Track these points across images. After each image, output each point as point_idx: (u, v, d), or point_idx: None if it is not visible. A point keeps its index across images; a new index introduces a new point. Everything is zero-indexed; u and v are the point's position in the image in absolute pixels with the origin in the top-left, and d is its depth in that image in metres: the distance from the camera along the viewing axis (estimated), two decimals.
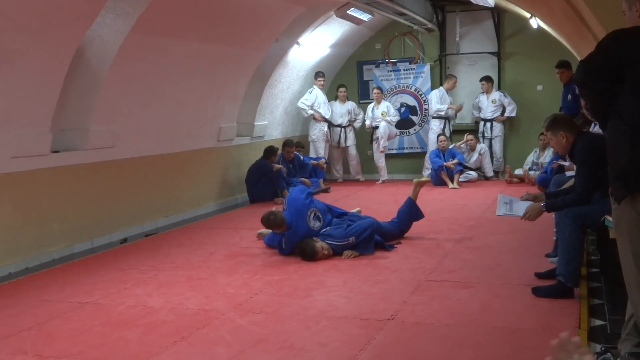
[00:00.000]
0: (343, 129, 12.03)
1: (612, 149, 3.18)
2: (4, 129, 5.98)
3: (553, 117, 5.00)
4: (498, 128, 11.73)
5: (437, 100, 11.75)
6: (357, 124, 12.06)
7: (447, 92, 11.79)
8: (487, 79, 11.66)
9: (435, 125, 11.81)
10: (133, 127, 7.79)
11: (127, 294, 5.31)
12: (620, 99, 3.10)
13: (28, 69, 5.93)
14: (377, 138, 11.76)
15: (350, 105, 12.11)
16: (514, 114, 11.70)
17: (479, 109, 11.83)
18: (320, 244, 6.24)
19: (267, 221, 6.36)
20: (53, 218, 6.79)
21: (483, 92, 11.73)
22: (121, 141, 7.62)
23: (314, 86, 11.69)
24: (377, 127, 11.75)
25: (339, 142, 12.05)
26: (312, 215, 6.44)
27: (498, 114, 11.67)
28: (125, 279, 5.80)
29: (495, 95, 11.63)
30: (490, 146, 11.74)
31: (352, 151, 12.21)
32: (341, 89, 12.03)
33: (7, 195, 6.25)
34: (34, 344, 4.26)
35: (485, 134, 11.74)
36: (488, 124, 11.72)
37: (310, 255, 6.17)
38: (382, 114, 11.64)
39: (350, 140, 12.11)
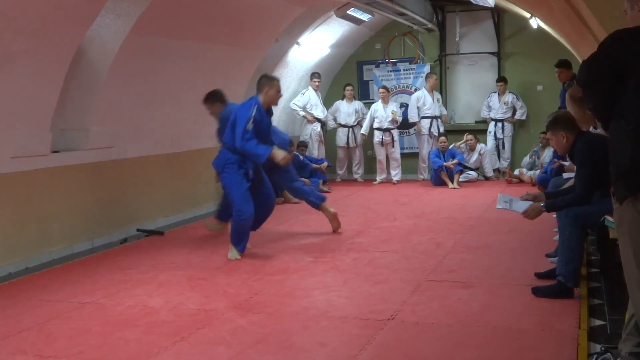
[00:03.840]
0: (351, 129, 11.93)
1: (615, 149, 3.17)
2: (4, 129, 5.98)
3: (554, 117, 5.00)
4: (509, 128, 11.75)
5: (414, 107, 11.70)
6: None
7: (433, 92, 11.75)
8: (503, 80, 11.66)
9: (423, 126, 11.74)
10: (133, 127, 7.79)
11: (127, 294, 5.31)
12: (623, 99, 3.10)
13: (28, 69, 5.93)
14: (390, 140, 11.68)
15: (358, 104, 12.02)
16: (524, 118, 11.73)
17: (490, 108, 11.83)
18: None
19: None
20: (53, 218, 6.78)
21: (496, 92, 11.73)
22: (121, 141, 7.62)
23: (309, 87, 11.66)
24: (387, 130, 11.62)
25: (347, 143, 11.93)
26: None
27: (509, 115, 11.70)
28: (125, 279, 5.80)
29: (508, 97, 11.63)
30: (498, 146, 11.75)
31: (359, 151, 12.16)
32: (348, 88, 11.90)
33: (7, 195, 6.25)
34: (34, 344, 4.26)
35: (497, 135, 11.74)
36: (499, 124, 11.73)
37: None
38: (392, 112, 11.58)
39: (359, 140, 12.02)
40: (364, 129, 11.76)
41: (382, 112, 11.60)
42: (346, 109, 11.90)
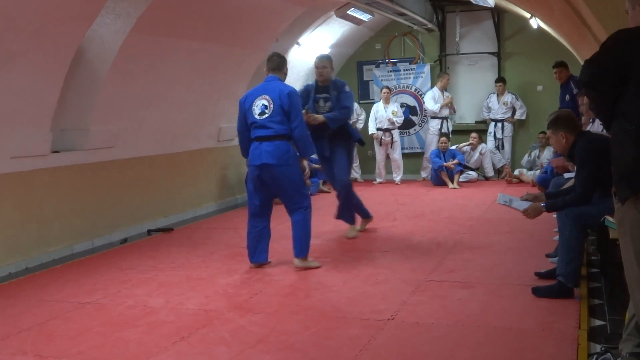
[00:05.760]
0: None
1: (617, 150, 3.17)
2: (4, 129, 5.98)
3: (555, 116, 4.99)
4: (509, 128, 11.77)
5: (431, 100, 11.70)
6: (359, 125, 11.92)
7: (444, 91, 11.76)
8: (502, 80, 11.67)
9: (433, 126, 11.78)
10: (133, 127, 7.79)
11: (127, 294, 5.31)
12: (625, 99, 3.09)
13: (28, 69, 5.92)
14: (390, 140, 11.66)
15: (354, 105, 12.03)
16: (523, 117, 11.75)
17: (489, 109, 11.84)
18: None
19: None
20: (53, 218, 6.78)
21: (495, 93, 11.74)
22: (121, 141, 7.62)
23: None
24: (387, 130, 11.58)
25: None
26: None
27: (508, 115, 11.72)
28: (125, 279, 5.80)
29: (508, 97, 11.65)
30: (499, 146, 11.76)
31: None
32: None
33: (7, 195, 6.25)
34: (34, 344, 4.26)
35: (497, 135, 11.75)
36: (499, 124, 11.75)
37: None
38: (392, 113, 11.56)
39: None
40: (371, 130, 11.73)
41: (383, 112, 11.60)
42: None
